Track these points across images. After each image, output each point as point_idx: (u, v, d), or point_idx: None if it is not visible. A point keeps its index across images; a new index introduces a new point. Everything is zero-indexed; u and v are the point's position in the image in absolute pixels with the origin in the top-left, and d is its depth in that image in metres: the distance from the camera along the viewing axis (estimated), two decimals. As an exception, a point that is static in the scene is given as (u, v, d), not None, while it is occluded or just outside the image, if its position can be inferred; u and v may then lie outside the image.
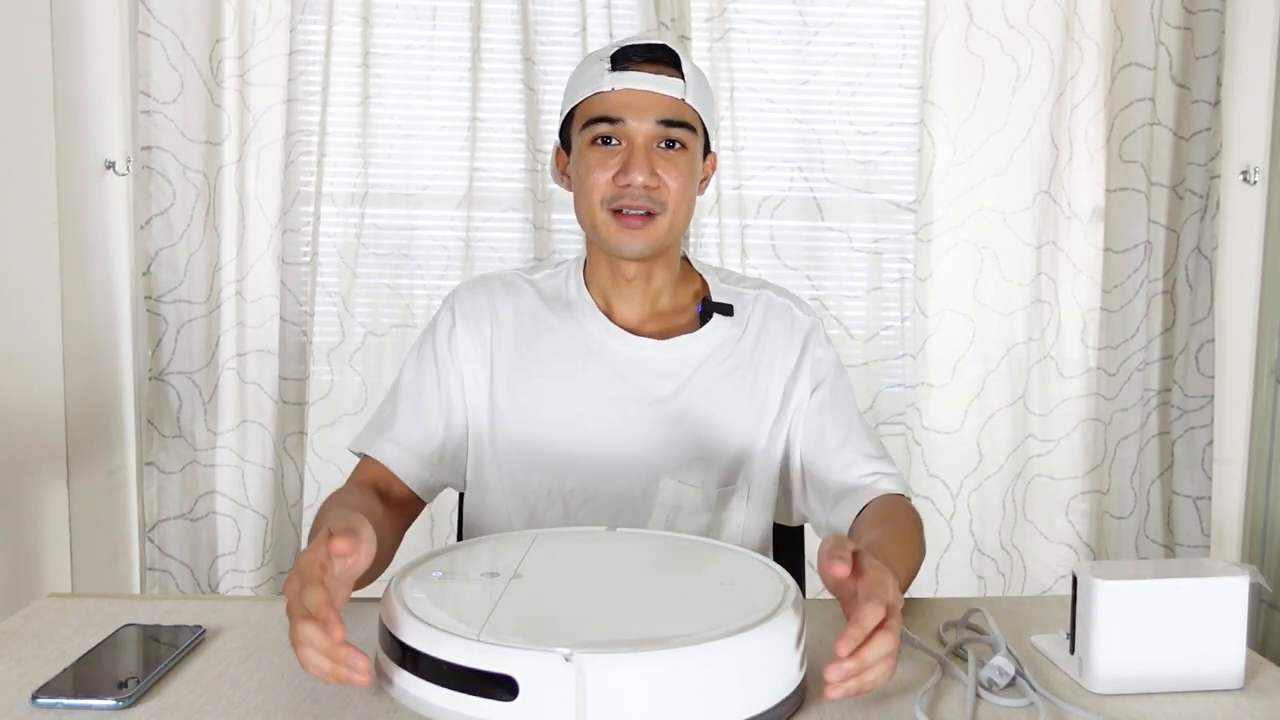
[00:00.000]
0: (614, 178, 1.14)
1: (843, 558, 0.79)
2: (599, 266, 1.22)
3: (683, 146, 1.16)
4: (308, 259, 2.11)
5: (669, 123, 1.14)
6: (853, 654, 0.74)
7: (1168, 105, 2.14)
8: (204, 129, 2.09)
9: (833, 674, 0.74)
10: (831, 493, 1.19)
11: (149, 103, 2.05)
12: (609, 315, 1.22)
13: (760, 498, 1.23)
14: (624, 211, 1.14)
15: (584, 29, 2.09)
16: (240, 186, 2.12)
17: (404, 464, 1.18)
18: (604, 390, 1.18)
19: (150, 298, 2.10)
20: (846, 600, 0.83)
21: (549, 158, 1.27)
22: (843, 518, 1.16)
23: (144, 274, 2.10)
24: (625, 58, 1.15)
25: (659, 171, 1.14)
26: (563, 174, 1.24)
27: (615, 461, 1.17)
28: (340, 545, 0.78)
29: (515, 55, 2.10)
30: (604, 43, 2.07)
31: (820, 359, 1.23)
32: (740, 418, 1.20)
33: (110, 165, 2.11)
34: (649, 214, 1.14)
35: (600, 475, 1.18)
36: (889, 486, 1.17)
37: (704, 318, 1.22)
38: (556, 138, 1.24)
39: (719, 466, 1.19)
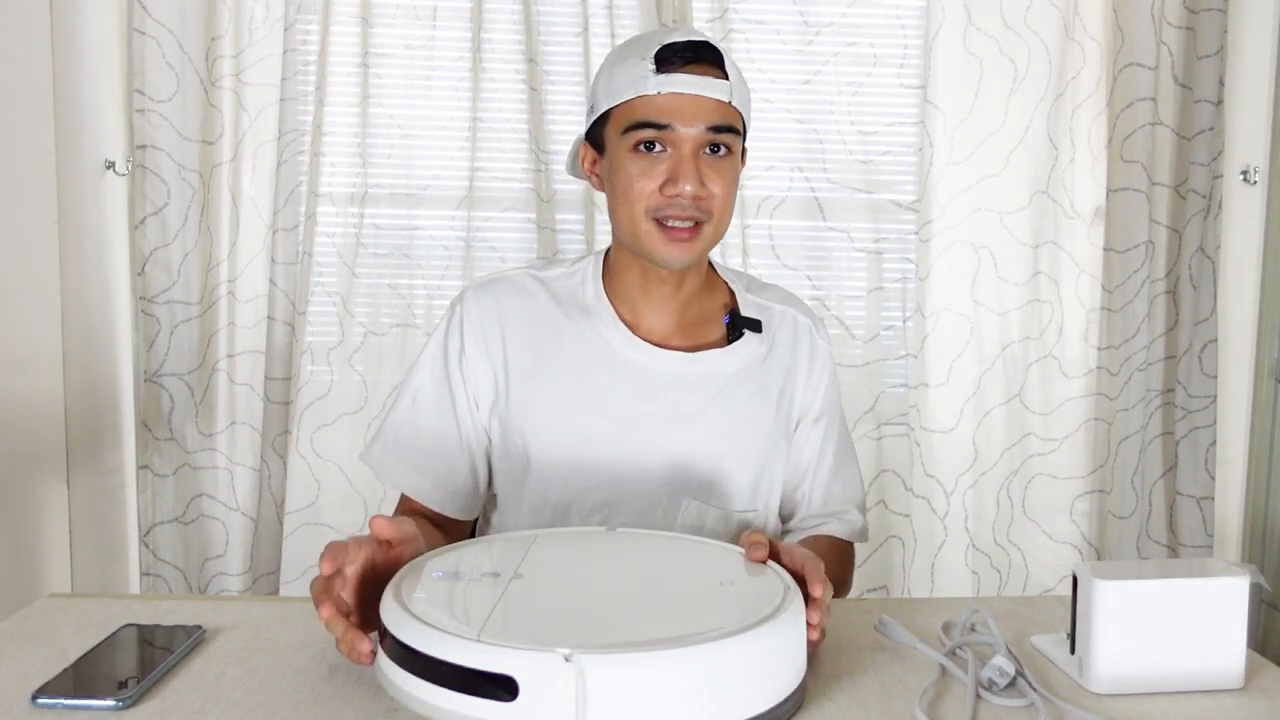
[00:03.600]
0: (661, 187, 1.09)
1: (759, 542, 0.90)
2: (628, 271, 1.17)
3: (728, 151, 1.12)
4: (300, 259, 2.10)
5: (717, 129, 1.09)
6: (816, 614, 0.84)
7: (1169, 105, 2.14)
8: (200, 128, 2.09)
9: (813, 618, 0.83)
10: (790, 524, 1.24)
11: (144, 101, 2.05)
12: (632, 325, 1.17)
13: (774, 519, 1.23)
14: (669, 223, 1.10)
15: (585, 29, 2.09)
16: (235, 186, 2.12)
17: (438, 499, 1.18)
18: (627, 406, 1.15)
19: (144, 298, 2.09)
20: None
21: (563, 155, 1.24)
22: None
23: (139, 274, 2.09)
24: (669, 58, 1.09)
25: (706, 181, 1.09)
26: (592, 174, 1.19)
27: (635, 480, 1.14)
28: (380, 524, 0.88)
29: (517, 55, 2.10)
30: (606, 43, 2.08)
31: (830, 389, 1.24)
32: (764, 440, 1.19)
33: (110, 165, 2.11)
34: (696, 224, 1.10)
35: (619, 494, 1.15)
36: (833, 530, 1.22)
37: (731, 331, 1.19)
38: (581, 133, 1.20)
39: (740, 487, 1.17)
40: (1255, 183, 2.22)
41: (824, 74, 2.16)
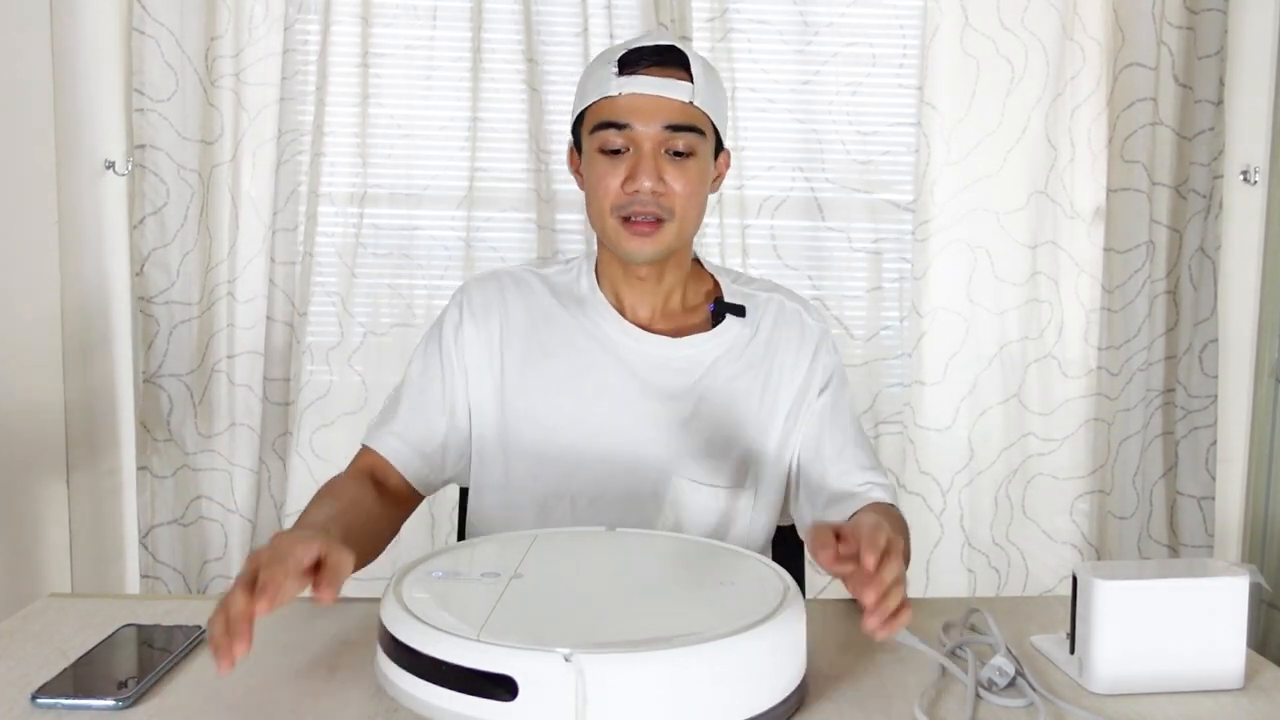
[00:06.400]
0: (623, 184, 1.15)
1: (828, 541, 0.84)
2: (611, 264, 1.23)
3: (691, 153, 1.16)
4: (300, 259, 2.10)
5: (676, 128, 1.14)
6: (873, 592, 0.79)
7: (1170, 105, 2.13)
8: (199, 128, 2.08)
9: (870, 621, 0.79)
10: (823, 497, 1.21)
11: (143, 101, 2.04)
12: (621, 312, 1.22)
13: (768, 499, 1.23)
14: (633, 219, 1.15)
15: (585, 29, 2.09)
16: (234, 186, 2.11)
17: (403, 457, 1.20)
18: (617, 386, 1.19)
19: (143, 298, 2.09)
20: (848, 578, 0.85)
21: (563, 156, 1.27)
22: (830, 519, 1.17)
23: (137, 274, 2.09)
24: (633, 61, 1.15)
25: (666, 178, 1.14)
26: (576, 173, 1.25)
27: (625, 459, 1.18)
28: (325, 593, 0.81)
29: (517, 55, 2.10)
30: (605, 43, 2.08)
31: (827, 365, 1.25)
32: (751, 418, 1.21)
33: (110, 165, 2.11)
34: (657, 220, 1.15)
35: (609, 473, 1.18)
36: (880, 496, 1.20)
37: (716, 318, 1.23)
38: (570, 136, 1.25)
39: (728, 466, 1.20)
40: (1255, 183, 2.22)
41: (823, 74, 2.16)
